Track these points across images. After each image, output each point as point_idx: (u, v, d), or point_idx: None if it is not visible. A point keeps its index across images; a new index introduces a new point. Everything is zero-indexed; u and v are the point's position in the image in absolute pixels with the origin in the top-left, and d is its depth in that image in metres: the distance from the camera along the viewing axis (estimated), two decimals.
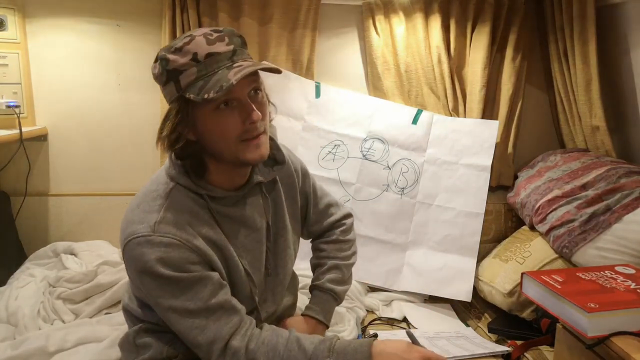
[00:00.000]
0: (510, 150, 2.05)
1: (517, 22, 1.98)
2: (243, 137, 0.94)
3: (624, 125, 1.89)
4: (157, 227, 0.92)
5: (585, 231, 1.56)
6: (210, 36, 0.92)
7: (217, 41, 0.92)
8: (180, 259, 0.92)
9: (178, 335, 0.98)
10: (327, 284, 1.23)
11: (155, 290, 0.94)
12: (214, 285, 0.96)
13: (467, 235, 1.85)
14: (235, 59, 0.93)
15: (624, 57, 1.81)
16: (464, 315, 1.79)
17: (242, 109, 0.93)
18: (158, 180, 1.01)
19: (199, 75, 0.90)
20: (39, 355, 1.31)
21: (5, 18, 1.84)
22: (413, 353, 0.90)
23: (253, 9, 1.90)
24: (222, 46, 0.92)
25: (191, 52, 0.90)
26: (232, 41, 0.93)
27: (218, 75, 0.90)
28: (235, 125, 0.93)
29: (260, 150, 0.97)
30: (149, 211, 0.95)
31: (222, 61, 0.91)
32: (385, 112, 1.95)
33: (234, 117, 0.93)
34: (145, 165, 2.04)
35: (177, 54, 0.91)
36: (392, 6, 1.96)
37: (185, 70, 0.91)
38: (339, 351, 0.92)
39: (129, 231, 0.94)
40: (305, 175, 1.25)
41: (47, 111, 1.96)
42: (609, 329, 1.01)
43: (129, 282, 1.14)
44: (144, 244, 0.91)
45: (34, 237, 1.99)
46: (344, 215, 1.34)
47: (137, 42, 1.96)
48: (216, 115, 0.93)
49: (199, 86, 0.90)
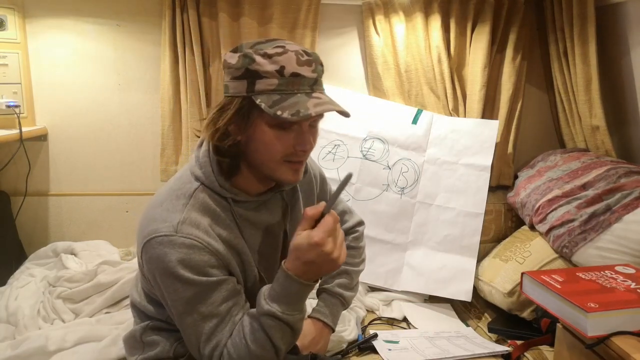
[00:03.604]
0: (510, 150, 2.06)
1: (517, 22, 1.98)
2: (288, 158, 0.95)
3: (624, 125, 1.89)
4: (180, 228, 0.92)
5: (585, 231, 1.56)
6: (301, 56, 0.91)
7: (305, 64, 0.91)
8: (201, 262, 0.92)
9: (183, 337, 0.98)
10: (336, 288, 1.24)
11: (172, 291, 0.93)
12: (228, 291, 0.96)
13: (467, 235, 1.85)
14: (315, 88, 0.93)
15: (624, 57, 1.81)
16: (464, 315, 1.79)
17: (298, 135, 0.94)
18: (182, 180, 1.00)
19: (278, 89, 0.90)
20: (39, 354, 1.31)
21: (5, 18, 1.85)
22: (312, 238, 0.87)
23: (253, 9, 1.90)
24: (309, 71, 0.91)
25: (279, 64, 0.89)
26: (316, 69, 0.93)
27: (296, 98, 0.90)
28: (285, 146, 0.93)
29: (297, 175, 0.98)
30: (172, 210, 0.94)
31: (303, 85, 0.91)
32: (385, 112, 1.95)
33: (288, 139, 0.93)
34: (145, 165, 2.04)
35: (265, 58, 0.90)
36: (392, 6, 1.96)
37: (267, 78, 0.90)
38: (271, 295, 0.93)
39: (151, 229, 0.93)
40: (323, 182, 1.26)
41: (47, 111, 1.96)
42: (608, 328, 1.01)
43: (137, 277, 1.14)
44: (166, 244, 0.91)
45: (34, 237, 1.99)
46: (357, 222, 1.35)
47: (137, 42, 1.96)
48: (273, 130, 0.92)
49: (274, 99, 0.89)
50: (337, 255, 0.90)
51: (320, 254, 0.88)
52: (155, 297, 1.04)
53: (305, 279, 0.91)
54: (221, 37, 1.88)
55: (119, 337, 1.33)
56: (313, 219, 0.90)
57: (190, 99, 1.90)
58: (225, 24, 1.87)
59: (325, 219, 0.89)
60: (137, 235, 0.97)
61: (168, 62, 1.88)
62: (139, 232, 0.96)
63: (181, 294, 0.93)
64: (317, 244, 0.87)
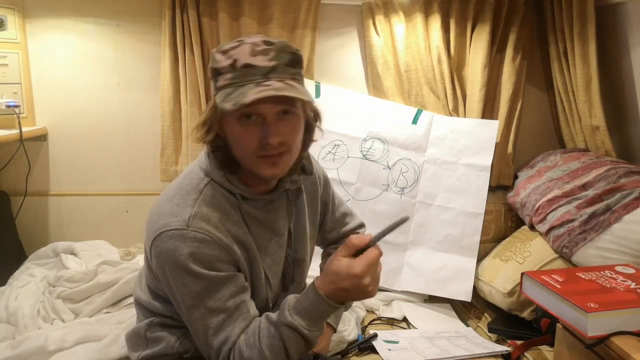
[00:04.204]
0: (510, 150, 2.06)
1: (517, 22, 1.98)
2: (259, 153, 0.94)
3: (624, 125, 1.89)
4: (191, 222, 0.92)
5: (585, 231, 1.56)
6: (257, 47, 0.90)
7: (260, 54, 0.90)
8: (211, 256, 0.93)
9: (190, 332, 0.99)
10: None
11: (181, 285, 0.94)
12: (236, 286, 0.96)
13: (467, 235, 1.85)
14: (271, 76, 0.90)
15: (624, 57, 1.81)
16: (464, 315, 1.79)
17: (263, 128, 0.92)
18: (192, 175, 1.01)
19: (231, 83, 0.90)
20: (39, 354, 1.31)
21: (5, 18, 1.85)
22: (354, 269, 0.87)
23: (253, 9, 1.90)
24: (263, 60, 0.90)
25: (232, 58, 0.90)
26: (277, 57, 0.91)
27: (245, 88, 0.88)
28: (252, 141, 0.92)
29: (275, 169, 0.96)
30: (183, 205, 0.95)
31: (255, 75, 0.89)
32: (385, 112, 1.95)
33: (254, 132, 0.92)
34: (145, 165, 2.04)
35: (222, 54, 0.91)
36: (392, 6, 1.96)
37: (224, 74, 0.91)
38: (297, 308, 0.92)
39: (162, 223, 0.94)
40: (326, 184, 1.25)
41: (47, 111, 1.96)
42: (608, 328, 1.01)
43: (141, 274, 1.14)
44: (177, 238, 0.91)
45: (34, 237, 2.00)
46: (358, 224, 1.35)
47: (137, 42, 1.96)
48: (238, 124, 0.92)
49: (226, 92, 0.90)
50: (372, 289, 0.90)
51: (357, 285, 0.88)
52: (161, 293, 1.04)
53: (335, 301, 0.91)
54: (221, 37, 1.88)
55: (119, 337, 1.33)
56: (355, 249, 0.90)
57: (190, 99, 1.90)
58: (225, 24, 1.88)
59: (371, 252, 0.89)
60: (146, 230, 0.98)
61: (168, 62, 1.88)
62: (149, 227, 0.97)
63: (190, 287, 0.93)
64: (356, 276, 0.87)
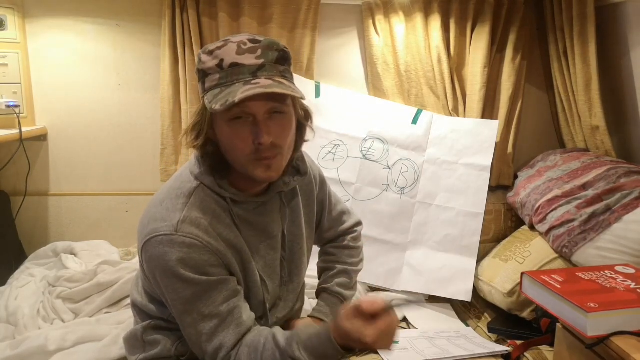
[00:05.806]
0: (510, 150, 2.06)
1: (517, 22, 1.98)
2: (253, 155, 0.91)
3: (624, 125, 1.89)
4: (180, 227, 0.91)
5: (585, 231, 1.56)
6: (243, 45, 0.89)
7: (247, 52, 0.88)
8: (201, 261, 0.92)
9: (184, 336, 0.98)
10: (336, 287, 1.23)
11: (172, 291, 0.93)
12: (229, 291, 0.95)
13: (467, 235, 1.85)
14: (259, 74, 0.88)
15: (624, 57, 1.81)
16: (464, 315, 1.79)
17: (254, 128, 0.90)
18: (182, 178, 1.00)
19: (219, 83, 0.89)
20: (39, 354, 1.31)
21: (5, 18, 1.85)
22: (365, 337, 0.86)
23: (253, 9, 1.90)
24: (250, 58, 0.88)
25: (219, 58, 0.88)
26: (264, 55, 0.89)
27: (233, 88, 0.87)
28: (244, 142, 0.90)
29: (269, 172, 0.94)
30: (172, 209, 0.94)
31: (243, 74, 0.88)
32: (385, 112, 1.95)
33: (245, 133, 0.90)
34: (145, 165, 2.04)
35: (209, 55, 0.90)
36: (392, 6, 1.96)
37: (211, 75, 0.90)
38: (306, 345, 0.91)
39: (151, 228, 0.93)
40: (322, 183, 1.25)
41: (47, 111, 1.96)
42: (608, 328, 1.01)
43: (137, 277, 1.13)
44: (166, 243, 0.91)
45: (34, 237, 2.00)
46: (356, 222, 1.34)
47: (137, 42, 1.96)
48: (229, 126, 0.90)
49: (215, 93, 0.88)
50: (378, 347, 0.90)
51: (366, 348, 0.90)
52: (157, 296, 1.04)
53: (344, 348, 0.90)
54: (221, 37, 1.87)
55: (119, 337, 1.33)
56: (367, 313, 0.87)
57: (190, 99, 1.90)
58: (225, 24, 1.88)
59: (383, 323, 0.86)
60: (138, 235, 0.97)
61: (168, 62, 1.88)
62: (140, 232, 0.96)
63: (181, 293, 0.92)
64: (367, 344, 0.87)
